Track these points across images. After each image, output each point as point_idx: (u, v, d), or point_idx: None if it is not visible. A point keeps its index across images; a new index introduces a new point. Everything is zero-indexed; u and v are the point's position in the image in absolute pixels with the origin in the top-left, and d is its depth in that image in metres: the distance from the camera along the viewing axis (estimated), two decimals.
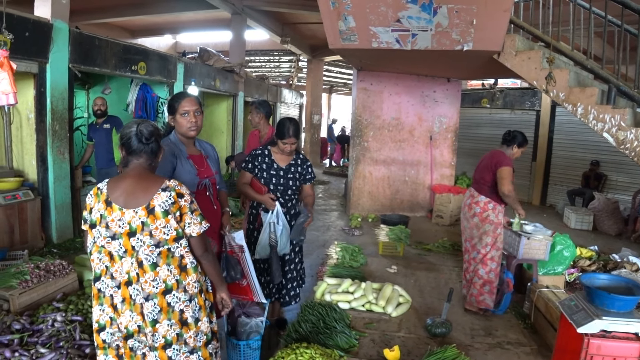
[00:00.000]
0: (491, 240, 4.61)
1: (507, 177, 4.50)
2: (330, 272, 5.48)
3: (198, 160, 3.20)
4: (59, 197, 6.38)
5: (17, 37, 5.14)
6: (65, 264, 4.57)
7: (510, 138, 4.71)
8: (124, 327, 2.24)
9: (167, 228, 2.21)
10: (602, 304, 2.87)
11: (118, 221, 2.20)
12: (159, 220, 2.19)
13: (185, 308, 2.29)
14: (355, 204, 9.57)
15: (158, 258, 2.22)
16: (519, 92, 12.34)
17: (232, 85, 11.70)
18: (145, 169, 2.33)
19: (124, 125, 2.40)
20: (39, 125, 6.11)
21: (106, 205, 2.23)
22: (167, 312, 2.24)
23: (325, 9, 5.67)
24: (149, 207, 2.19)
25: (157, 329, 2.23)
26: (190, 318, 2.30)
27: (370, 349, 3.89)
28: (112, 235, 2.21)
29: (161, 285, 2.23)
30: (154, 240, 2.20)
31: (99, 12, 13.19)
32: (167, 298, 2.24)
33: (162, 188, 2.23)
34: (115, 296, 2.24)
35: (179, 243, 2.28)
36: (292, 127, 3.76)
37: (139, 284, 2.22)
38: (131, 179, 2.28)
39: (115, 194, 2.24)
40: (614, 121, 4.87)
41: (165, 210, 2.20)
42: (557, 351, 3.29)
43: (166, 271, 2.24)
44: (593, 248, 6.94)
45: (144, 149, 2.31)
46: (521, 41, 5.68)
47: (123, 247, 2.21)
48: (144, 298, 2.22)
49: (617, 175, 10.35)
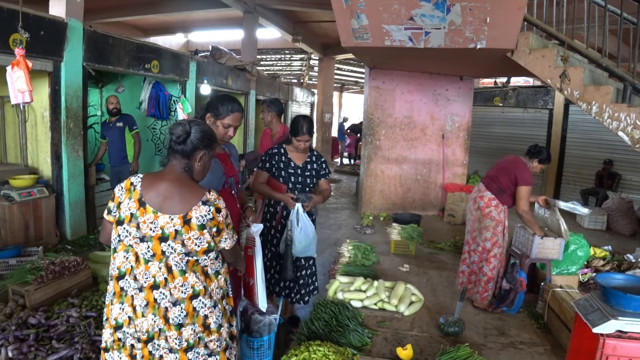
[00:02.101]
0: (491, 236, 4.71)
1: (525, 197, 4.65)
2: (342, 270, 5.49)
3: (223, 159, 3.17)
4: (73, 194, 6.44)
5: (33, 36, 5.18)
6: (79, 260, 4.62)
7: (535, 152, 4.80)
8: (145, 330, 2.19)
9: (200, 240, 2.17)
10: (617, 304, 2.84)
11: (150, 224, 2.14)
12: (193, 231, 2.15)
13: (209, 314, 2.26)
14: (367, 203, 9.56)
15: (186, 266, 2.18)
16: (532, 91, 12.25)
17: (244, 83, 11.73)
18: (183, 173, 2.27)
19: (173, 124, 2.34)
20: (53, 123, 6.17)
21: (139, 204, 2.16)
22: (193, 316, 2.21)
23: (338, 7, 5.67)
24: (186, 218, 2.14)
25: (182, 332, 2.19)
26: (214, 324, 2.28)
27: (382, 347, 3.89)
28: (142, 237, 2.16)
29: (189, 290, 2.19)
30: (185, 250, 2.16)
31: (112, 11, 13.28)
32: (193, 303, 2.20)
33: (203, 201, 2.17)
34: (136, 298, 2.18)
35: (207, 256, 2.24)
36: (306, 124, 3.77)
37: (166, 289, 2.17)
38: (169, 182, 2.21)
39: (150, 194, 2.18)
40: (630, 120, 4.81)
41: (202, 224, 2.16)
42: (571, 351, 3.27)
43: (194, 277, 2.21)
44: (607, 248, 6.87)
45: (175, 148, 2.25)
46: (535, 39, 5.63)
47: (151, 251, 2.15)
48: (171, 303, 2.17)
49: (631, 175, 10.24)
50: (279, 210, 3.92)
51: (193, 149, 2.27)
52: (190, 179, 2.29)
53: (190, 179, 2.28)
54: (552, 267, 4.99)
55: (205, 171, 2.41)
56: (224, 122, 3.02)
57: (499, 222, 4.70)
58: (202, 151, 2.30)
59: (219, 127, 3.03)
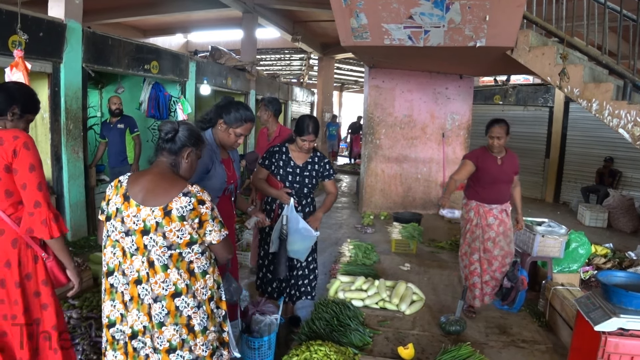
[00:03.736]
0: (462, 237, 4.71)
1: (460, 167, 4.61)
2: (343, 269, 5.49)
3: (227, 164, 3.17)
4: (74, 195, 6.44)
5: (32, 38, 5.18)
6: (80, 261, 4.62)
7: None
8: (129, 326, 2.21)
9: (182, 232, 2.17)
10: (619, 302, 2.83)
11: (133, 217, 2.16)
12: (174, 223, 2.15)
13: (193, 314, 2.23)
14: (367, 202, 9.55)
15: (169, 260, 2.17)
16: (532, 89, 12.25)
17: (244, 83, 11.72)
18: (168, 168, 2.30)
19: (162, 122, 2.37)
20: (53, 124, 6.16)
21: (124, 199, 2.20)
22: (175, 315, 2.19)
23: (337, 7, 5.66)
24: (167, 209, 2.14)
25: (163, 331, 2.18)
26: (198, 326, 2.25)
27: (384, 346, 3.88)
28: (127, 231, 2.18)
29: (171, 287, 2.18)
30: (166, 242, 2.15)
31: (111, 12, 13.26)
32: (175, 301, 2.19)
33: (184, 192, 2.18)
34: (126, 293, 2.21)
35: (191, 248, 2.22)
36: (312, 124, 3.76)
37: (148, 284, 2.18)
38: (153, 176, 2.25)
39: (135, 189, 2.21)
40: (630, 117, 4.80)
41: (182, 215, 2.15)
42: (573, 349, 3.26)
43: (176, 274, 2.18)
44: (608, 245, 6.87)
45: (163, 146, 2.30)
46: (535, 37, 5.62)
47: (135, 245, 2.17)
48: (152, 299, 2.17)
49: (632, 172, 10.24)
50: (274, 208, 3.92)
51: (181, 146, 2.33)
52: (175, 173, 2.31)
53: (174, 173, 2.31)
54: (554, 265, 4.99)
55: (192, 170, 2.44)
56: (236, 131, 3.03)
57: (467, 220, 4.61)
58: (190, 148, 2.36)
59: (231, 135, 3.04)
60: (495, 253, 4.47)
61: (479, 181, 4.51)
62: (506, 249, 4.49)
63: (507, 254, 4.50)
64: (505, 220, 4.50)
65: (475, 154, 4.59)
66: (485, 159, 4.49)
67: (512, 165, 4.53)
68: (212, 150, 3.02)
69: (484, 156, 4.52)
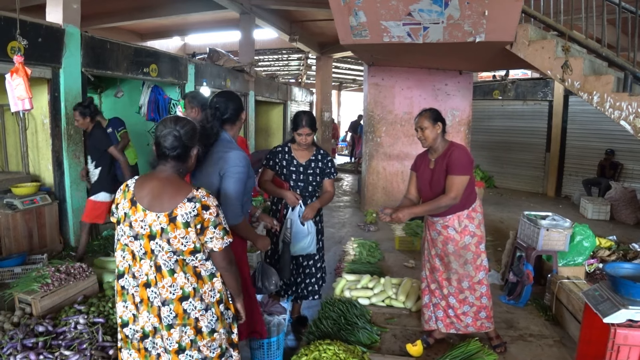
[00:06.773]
0: None
1: None
2: (348, 268, 5.49)
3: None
4: (76, 200, 6.43)
5: (31, 43, 5.17)
6: (85, 266, 4.61)
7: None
8: (140, 327, 2.25)
9: (186, 239, 2.15)
10: (627, 294, 2.83)
11: (140, 222, 2.17)
12: (179, 230, 2.14)
13: (200, 317, 2.24)
14: (369, 200, 9.54)
15: (175, 265, 2.18)
16: (531, 83, 12.23)
17: (243, 84, 11.71)
18: (174, 173, 2.27)
19: (160, 121, 2.31)
20: (54, 129, 6.16)
21: (131, 204, 2.20)
22: (183, 318, 2.21)
23: (335, 5, 5.65)
24: (171, 215, 2.13)
25: (172, 333, 2.20)
26: (205, 328, 2.26)
27: (392, 344, 3.89)
28: (135, 235, 2.19)
29: (178, 291, 2.19)
30: (171, 248, 2.15)
31: (108, 17, 13.26)
32: (183, 305, 2.20)
33: (188, 198, 2.16)
34: (136, 295, 2.24)
35: (195, 256, 2.21)
36: (306, 117, 3.76)
37: (157, 288, 2.19)
38: (159, 181, 2.23)
39: (141, 193, 2.20)
40: (631, 108, 4.79)
41: (187, 221, 2.14)
42: (582, 342, 3.26)
43: (183, 278, 2.19)
44: (612, 238, 6.86)
45: (171, 155, 2.25)
46: (534, 31, 5.61)
47: (143, 249, 2.18)
48: (160, 302, 2.19)
49: (633, 164, 10.22)
50: (280, 208, 3.91)
51: (189, 153, 2.33)
52: (180, 178, 2.30)
53: (180, 178, 2.30)
54: (559, 258, 4.98)
55: (196, 161, 2.43)
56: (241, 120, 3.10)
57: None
58: (196, 148, 2.37)
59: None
60: (444, 276, 3.72)
61: (420, 191, 3.86)
62: (461, 272, 3.64)
63: (462, 277, 3.65)
64: (454, 236, 3.61)
65: (415, 159, 3.95)
66: (421, 164, 3.83)
67: (444, 167, 3.57)
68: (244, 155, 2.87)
69: (421, 160, 3.86)
